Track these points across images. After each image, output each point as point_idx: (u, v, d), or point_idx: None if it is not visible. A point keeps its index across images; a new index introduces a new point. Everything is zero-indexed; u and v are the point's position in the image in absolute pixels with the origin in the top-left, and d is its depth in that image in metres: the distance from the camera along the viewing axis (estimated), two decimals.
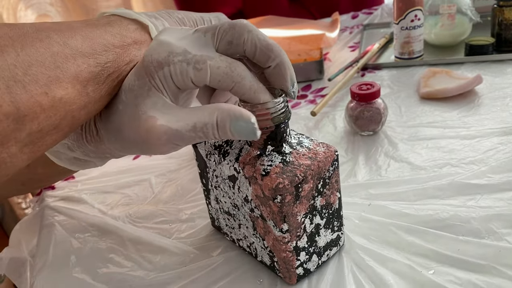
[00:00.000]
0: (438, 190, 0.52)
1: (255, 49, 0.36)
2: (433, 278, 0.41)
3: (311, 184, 0.39)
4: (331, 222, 0.43)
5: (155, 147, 0.35)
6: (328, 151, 0.40)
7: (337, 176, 0.41)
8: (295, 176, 0.37)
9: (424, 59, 0.86)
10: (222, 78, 0.34)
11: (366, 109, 0.64)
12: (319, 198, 0.40)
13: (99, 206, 0.60)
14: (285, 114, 0.38)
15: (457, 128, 0.64)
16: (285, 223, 0.38)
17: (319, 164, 0.39)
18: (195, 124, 0.34)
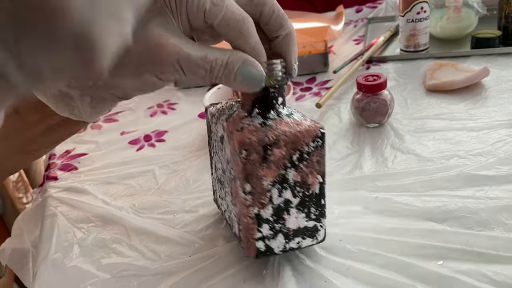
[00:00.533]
0: (446, 182, 0.52)
1: (272, 14, 0.37)
2: (442, 269, 0.41)
3: (283, 152, 0.38)
4: (306, 206, 0.41)
5: (159, 66, 0.35)
6: (313, 126, 0.39)
7: (320, 157, 0.40)
8: (266, 136, 0.37)
9: (429, 52, 0.85)
10: (233, 24, 0.35)
11: (372, 100, 0.63)
12: (293, 171, 0.39)
13: (102, 197, 0.60)
14: (276, 79, 0.38)
15: (464, 120, 0.63)
16: (248, 183, 0.38)
17: (297, 134, 0.38)
18: (207, 55, 0.34)
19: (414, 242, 0.44)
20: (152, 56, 0.35)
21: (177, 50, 0.34)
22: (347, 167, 0.57)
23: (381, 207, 0.49)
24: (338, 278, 0.42)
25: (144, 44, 0.34)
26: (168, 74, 0.36)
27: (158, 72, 0.36)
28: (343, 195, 0.52)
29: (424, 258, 0.42)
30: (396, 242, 0.44)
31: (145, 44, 0.34)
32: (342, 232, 0.47)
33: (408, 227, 0.46)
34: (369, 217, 0.48)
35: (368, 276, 0.41)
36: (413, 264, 0.42)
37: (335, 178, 0.56)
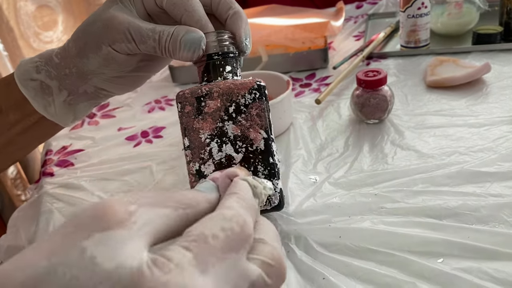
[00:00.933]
0: (447, 178, 0.51)
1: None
2: (442, 266, 0.40)
3: (218, 104, 0.38)
4: (252, 163, 0.40)
5: (112, 34, 0.40)
6: (250, 81, 0.40)
7: (260, 110, 0.39)
8: (199, 89, 0.38)
9: (430, 48, 0.84)
10: (178, 2, 0.40)
11: (372, 96, 0.62)
12: (231, 124, 0.39)
13: (99, 193, 0.59)
14: (220, 47, 0.40)
15: (465, 117, 0.62)
16: (186, 137, 0.38)
17: (230, 86, 0.39)
18: (155, 27, 0.40)
19: (414, 239, 0.43)
20: (106, 26, 0.40)
21: (128, 21, 0.40)
22: (347, 164, 0.57)
23: (381, 204, 0.49)
24: (336, 276, 0.41)
25: (102, 20, 0.41)
26: (121, 44, 0.40)
27: (112, 41, 0.40)
28: (343, 192, 0.51)
29: (424, 255, 0.42)
30: (395, 239, 0.44)
31: (103, 19, 0.40)
32: (341, 228, 0.46)
33: (408, 224, 0.45)
34: (369, 214, 0.47)
35: (367, 273, 0.41)
36: (413, 261, 0.41)
37: (335, 174, 0.55)
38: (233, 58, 0.42)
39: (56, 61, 0.44)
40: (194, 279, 0.20)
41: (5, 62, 1.74)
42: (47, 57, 0.45)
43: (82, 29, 0.42)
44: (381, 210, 0.48)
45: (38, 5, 1.86)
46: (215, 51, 0.40)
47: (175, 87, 0.89)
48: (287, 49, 0.84)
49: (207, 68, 0.41)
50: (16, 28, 1.79)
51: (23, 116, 0.46)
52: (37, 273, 0.18)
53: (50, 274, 0.18)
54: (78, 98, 0.46)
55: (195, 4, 0.41)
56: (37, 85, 0.44)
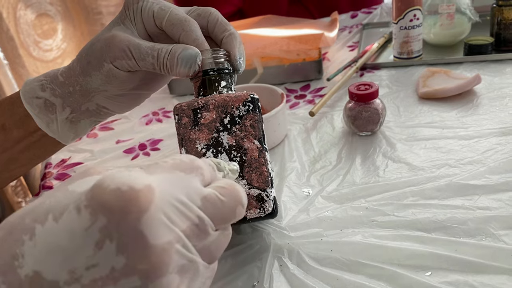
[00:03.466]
0: (436, 191, 0.52)
1: (216, 21, 0.45)
2: (430, 280, 0.41)
3: (214, 115, 0.40)
4: (246, 172, 0.42)
5: (113, 51, 0.42)
6: (243, 94, 0.42)
7: (254, 121, 0.41)
8: (196, 102, 0.41)
9: (423, 59, 0.86)
10: (176, 22, 0.43)
11: (364, 109, 0.63)
12: (226, 134, 0.41)
13: None
14: (215, 64, 0.42)
15: (456, 128, 0.64)
16: (183, 147, 0.40)
17: (225, 99, 0.41)
18: (154, 45, 0.42)
19: (403, 252, 0.45)
20: (107, 45, 0.43)
21: (128, 39, 0.42)
22: (339, 176, 0.58)
23: (372, 217, 0.50)
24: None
25: (103, 39, 0.43)
26: (121, 61, 0.43)
27: (113, 58, 0.43)
28: (335, 205, 0.53)
29: (413, 268, 0.43)
30: (385, 252, 0.45)
31: (104, 39, 0.43)
32: (333, 242, 0.47)
33: (398, 237, 0.46)
34: (360, 227, 0.49)
35: (357, 286, 0.42)
36: (402, 274, 0.42)
37: (327, 187, 0.56)
38: (227, 74, 0.44)
39: (60, 79, 0.46)
40: (139, 173, 0.25)
41: (5, 71, 1.75)
42: (53, 76, 0.47)
43: (86, 49, 0.45)
44: (372, 223, 0.49)
45: (38, 14, 1.87)
46: (211, 67, 0.42)
47: (172, 99, 0.91)
48: (282, 60, 0.86)
49: (203, 83, 0.43)
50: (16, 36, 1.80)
51: (26, 133, 0.48)
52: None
53: None
54: (80, 116, 0.48)
55: (192, 24, 0.44)
56: (42, 102, 0.46)
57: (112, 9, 1.94)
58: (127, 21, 0.44)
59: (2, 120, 0.48)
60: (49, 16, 1.91)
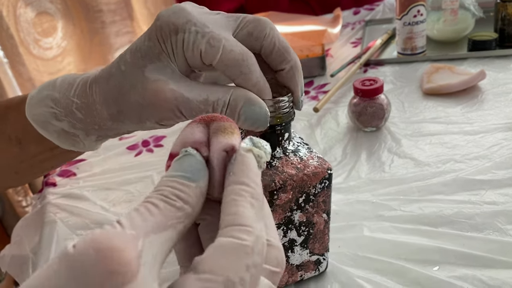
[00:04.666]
0: (442, 186, 0.52)
1: (273, 47, 0.35)
2: (438, 274, 0.41)
3: (290, 195, 0.37)
4: (310, 242, 0.41)
5: (159, 113, 0.35)
6: (320, 167, 0.37)
7: (327, 197, 0.39)
8: (272, 181, 0.36)
9: (426, 55, 0.86)
10: (231, 63, 0.33)
11: (369, 104, 0.63)
12: (298, 212, 0.38)
13: (101, 203, 0.60)
14: (281, 117, 0.36)
15: (461, 124, 0.63)
16: None
17: (303, 177, 0.37)
18: (208, 97, 0.33)
19: (410, 247, 0.44)
20: (151, 104, 0.34)
21: (176, 96, 0.33)
22: (344, 172, 0.58)
23: (378, 212, 0.50)
24: (335, 286, 0.42)
25: (142, 92, 0.34)
26: (169, 121, 0.35)
27: (159, 119, 0.35)
28: (340, 201, 0.52)
29: (420, 263, 0.43)
30: (392, 247, 0.45)
31: (143, 93, 0.34)
32: (340, 237, 0.47)
33: (405, 232, 0.46)
34: (366, 222, 0.48)
35: (364, 281, 0.42)
36: (410, 268, 0.42)
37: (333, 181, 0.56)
38: (290, 122, 0.38)
39: (79, 116, 0.39)
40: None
41: (5, 69, 1.75)
42: (67, 108, 0.39)
43: (113, 96, 0.36)
44: (379, 217, 0.49)
45: (38, 12, 1.87)
46: (278, 122, 0.36)
47: None
48: None
49: (265, 137, 0.35)
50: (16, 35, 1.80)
51: (45, 149, 0.42)
52: None
53: None
54: (106, 137, 0.42)
55: (251, 64, 0.34)
56: (59, 130, 0.40)
57: (113, 7, 1.93)
58: (163, 56, 0.34)
59: (15, 133, 0.42)
60: (49, 14, 1.90)
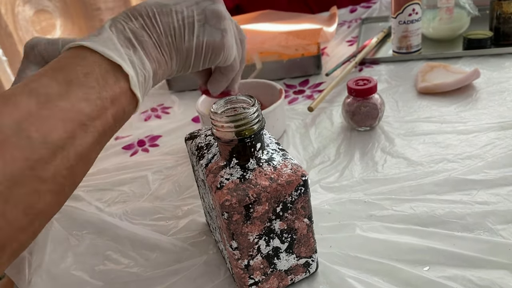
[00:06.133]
0: (435, 186, 0.52)
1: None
2: (428, 274, 0.41)
3: (266, 207, 0.37)
4: (295, 247, 0.41)
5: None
6: (294, 175, 0.37)
7: (305, 202, 0.39)
8: (246, 196, 0.36)
9: (422, 53, 0.86)
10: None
11: (363, 104, 0.63)
12: (278, 221, 0.38)
13: (96, 203, 0.60)
14: (251, 129, 0.36)
15: (455, 123, 0.64)
16: (234, 240, 0.37)
17: (277, 187, 0.37)
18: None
19: (401, 247, 0.45)
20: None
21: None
22: (337, 172, 0.58)
23: (370, 211, 0.50)
24: (326, 286, 0.42)
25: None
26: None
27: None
28: (333, 200, 0.53)
29: (412, 263, 0.43)
30: (384, 247, 0.45)
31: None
32: (332, 237, 0.47)
33: (396, 232, 0.47)
34: (358, 222, 0.49)
35: (356, 281, 0.42)
36: (401, 269, 0.42)
37: (325, 182, 0.56)
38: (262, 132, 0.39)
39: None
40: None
41: (4, 67, 1.75)
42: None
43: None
44: (370, 217, 0.49)
45: (36, 10, 1.87)
46: (244, 136, 0.37)
47: (171, 95, 0.91)
48: (281, 56, 0.85)
49: (237, 151, 0.38)
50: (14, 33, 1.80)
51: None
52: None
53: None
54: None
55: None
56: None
57: (111, 5, 1.93)
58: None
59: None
60: (47, 12, 1.90)
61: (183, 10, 0.46)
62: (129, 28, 0.42)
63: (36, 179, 0.31)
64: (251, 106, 0.37)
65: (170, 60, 0.45)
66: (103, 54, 0.38)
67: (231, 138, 0.37)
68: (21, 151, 0.30)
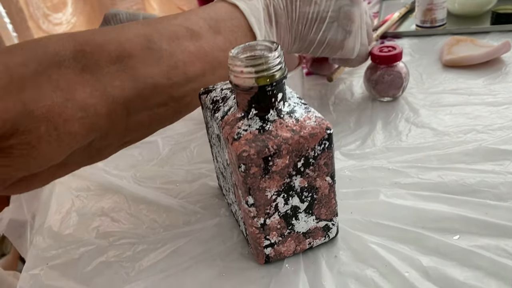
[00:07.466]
0: (464, 156, 0.49)
1: None
2: (459, 243, 0.38)
3: (287, 161, 0.34)
4: (316, 208, 0.38)
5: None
6: (318, 127, 0.34)
7: (328, 159, 0.36)
8: (265, 147, 0.33)
9: (447, 28, 0.82)
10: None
11: (386, 72, 0.60)
12: (299, 178, 0.35)
13: (102, 166, 0.58)
14: (272, 76, 0.33)
15: (483, 95, 0.60)
16: (250, 196, 0.35)
17: (299, 140, 0.34)
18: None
19: (429, 214, 0.41)
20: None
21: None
22: (358, 140, 0.55)
23: (394, 179, 0.47)
24: (347, 252, 0.39)
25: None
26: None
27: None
28: (353, 167, 0.50)
29: (440, 231, 0.40)
30: (409, 214, 0.42)
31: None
32: (352, 204, 0.44)
33: (423, 199, 0.43)
34: (381, 189, 0.45)
35: (379, 247, 0.39)
36: (429, 236, 0.39)
37: (345, 149, 0.53)
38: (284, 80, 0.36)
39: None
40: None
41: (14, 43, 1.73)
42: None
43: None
44: (395, 185, 0.46)
45: None
46: (265, 83, 0.33)
47: None
48: None
49: (257, 100, 0.34)
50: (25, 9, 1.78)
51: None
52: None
53: None
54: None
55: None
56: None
57: None
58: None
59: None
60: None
61: (322, 3, 0.48)
62: (273, 6, 0.47)
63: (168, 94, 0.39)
64: (273, 50, 0.34)
65: (292, 44, 0.50)
66: (248, 19, 0.44)
67: (251, 85, 0.33)
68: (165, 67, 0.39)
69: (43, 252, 0.45)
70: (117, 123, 0.37)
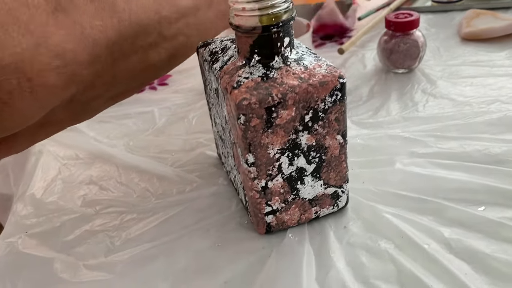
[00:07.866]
0: (487, 126, 0.44)
1: None
2: (485, 214, 0.34)
3: (293, 113, 0.29)
4: (324, 171, 0.33)
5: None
6: (330, 75, 0.29)
7: (340, 113, 0.31)
8: (268, 95, 0.28)
9: (465, 4, 0.77)
10: None
11: (402, 41, 0.55)
12: (306, 134, 0.31)
13: (93, 135, 0.53)
14: (278, 15, 0.29)
15: (507, 67, 0.55)
16: (250, 153, 0.30)
17: (308, 88, 0.29)
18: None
19: (450, 184, 0.37)
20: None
21: None
22: (370, 110, 0.50)
23: (411, 148, 0.42)
24: (358, 222, 0.35)
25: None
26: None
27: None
28: (367, 135, 0.45)
29: (463, 202, 0.35)
30: (429, 184, 0.37)
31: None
32: (365, 172, 0.40)
33: (444, 168, 0.39)
34: (397, 157, 0.41)
35: (394, 217, 0.34)
36: (450, 207, 0.35)
37: (357, 118, 0.49)
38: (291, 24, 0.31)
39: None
40: None
41: None
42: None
43: None
44: (412, 154, 0.41)
45: None
46: (270, 23, 0.29)
47: None
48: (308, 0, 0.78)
49: (260, 43, 0.30)
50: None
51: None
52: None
53: None
54: None
55: None
56: None
57: None
58: None
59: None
60: None
61: None
62: None
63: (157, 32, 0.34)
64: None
65: None
66: None
67: (254, 25, 0.29)
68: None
69: (23, 219, 0.41)
70: (102, 72, 0.33)
